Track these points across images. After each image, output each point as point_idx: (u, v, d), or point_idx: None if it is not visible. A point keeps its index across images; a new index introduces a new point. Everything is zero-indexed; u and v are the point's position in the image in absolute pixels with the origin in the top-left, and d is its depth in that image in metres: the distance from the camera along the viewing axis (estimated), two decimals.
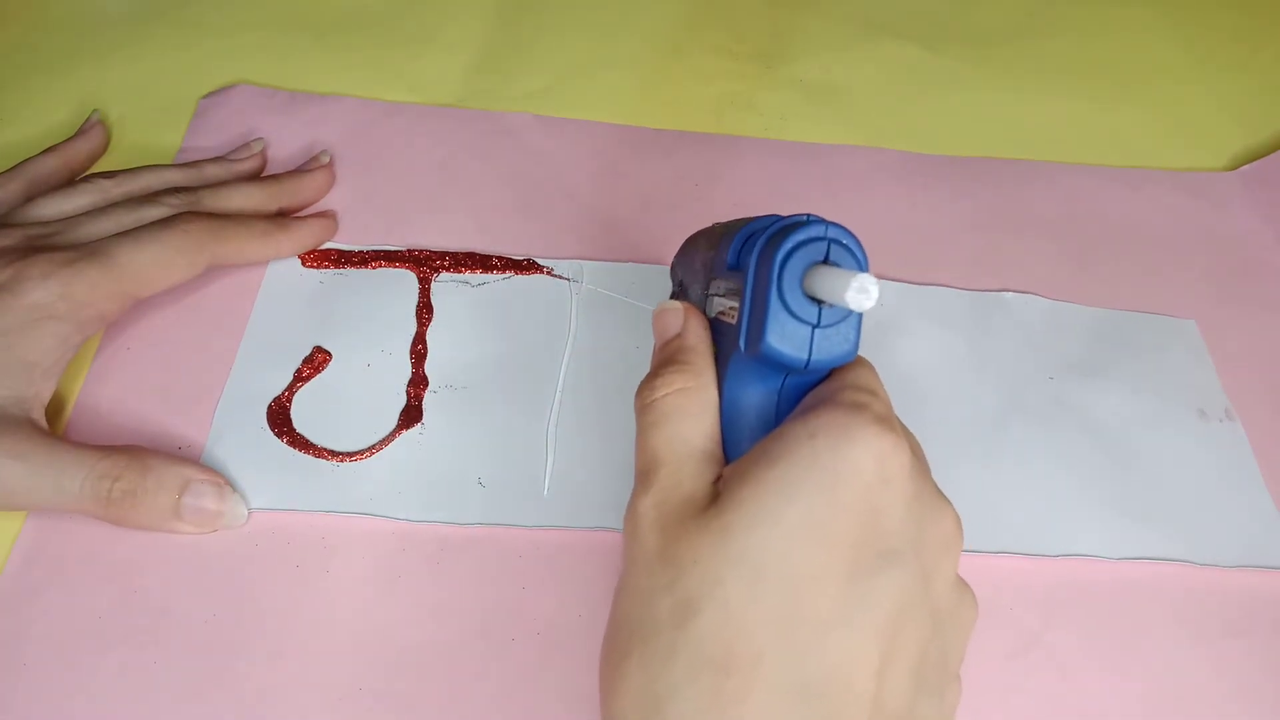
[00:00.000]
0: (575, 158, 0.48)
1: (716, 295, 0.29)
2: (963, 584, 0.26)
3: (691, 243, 0.33)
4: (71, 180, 0.42)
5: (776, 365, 0.25)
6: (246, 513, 0.34)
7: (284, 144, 0.46)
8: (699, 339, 0.28)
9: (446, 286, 0.42)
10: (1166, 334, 0.44)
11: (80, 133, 0.44)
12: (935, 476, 0.38)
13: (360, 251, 0.42)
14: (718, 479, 0.25)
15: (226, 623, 0.32)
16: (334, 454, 0.36)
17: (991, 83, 0.55)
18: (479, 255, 0.42)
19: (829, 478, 0.23)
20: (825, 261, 0.24)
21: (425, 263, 0.42)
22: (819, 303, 0.24)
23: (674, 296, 0.35)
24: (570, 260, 0.43)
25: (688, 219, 0.45)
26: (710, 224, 0.32)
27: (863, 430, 0.23)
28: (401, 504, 0.35)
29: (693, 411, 0.26)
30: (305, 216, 0.43)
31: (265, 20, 0.53)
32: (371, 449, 0.36)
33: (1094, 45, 0.58)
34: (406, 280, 0.42)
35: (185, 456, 0.35)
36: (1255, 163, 0.51)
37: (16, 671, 0.31)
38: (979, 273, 0.45)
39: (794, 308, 0.24)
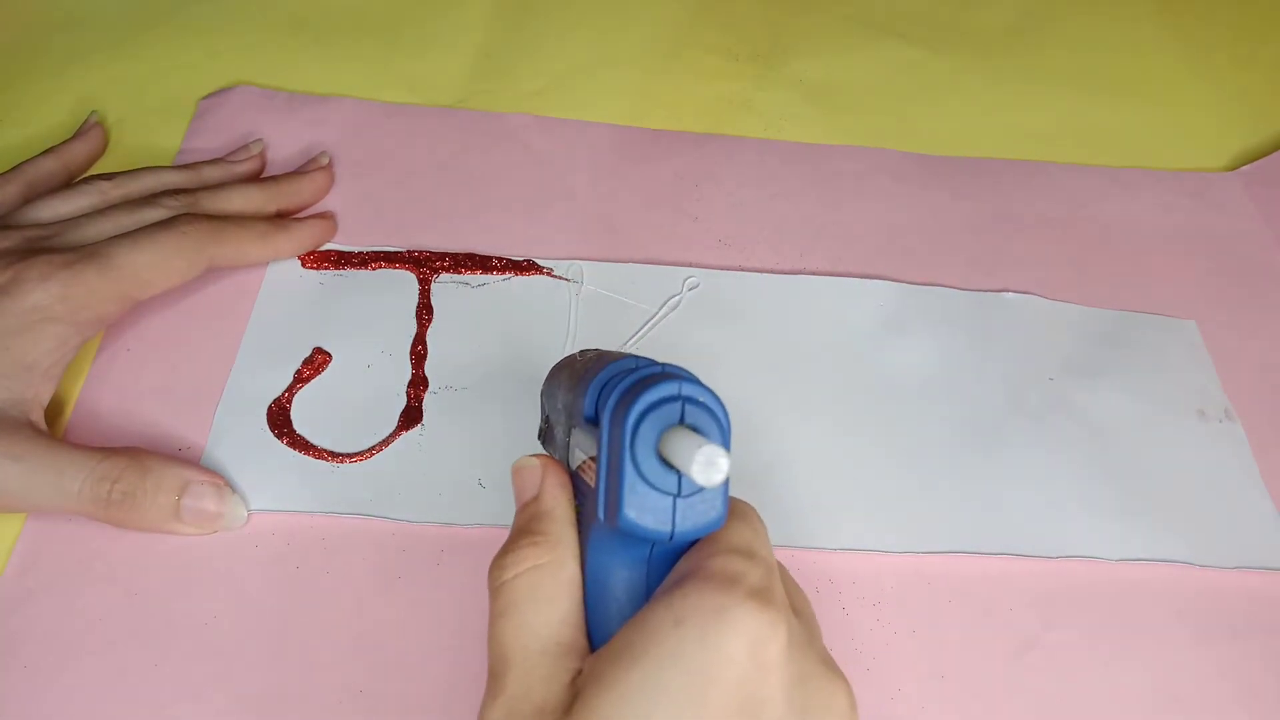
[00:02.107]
0: (575, 158, 0.48)
1: (578, 447, 0.26)
2: None
3: (556, 374, 0.30)
4: (70, 182, 0.42)
5: (637, 535, 0.22)
6: (246, 514, 0.34)
7: (283, 145, 0.46)
8: (556, 502, 0.25)
9: (446, 287, 0.42)
10: (1166, 334, 0.44)
11: (79, 134, 0.44)
12: (935, 477, 0.38)
13: (360, 252, 0.42)
14: (577, 674, 0.22)
15: (226, 624, 0.32)
16: (334, 455, 0.36)
17: (991, 83, 0.55)
18: (479, 256, 0.42)
19: (697, 677, 0.20)
20: (681, 424, 0.22)
21: (425, 264, 0.42)
22: (677, 470, 0.22)
23: (541, 433, 0.31)
24: (570, 261, 0.43)
25: (687, 220, 0.46)
26: (578, 351, 0.30)
27: (734, 611, 0.20)
28: (401, 505, 0.35)
29: (546, 595, 0.23)
30: (305, 218, 0.43)
31: (264, 21, 0.53)
32: (371, 450, 0.36)
33: (1094, 46, 0.58)
34: (406, 281, 0.42)
35: (185, 458, 0.35)
36: (1255, 163, 0.51)
37: (16, 673, 0.31)
38: (979, 273, 0.45)
39: (650, 477, 0.22)
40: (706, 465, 0.20)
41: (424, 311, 0.41)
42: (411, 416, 0.37)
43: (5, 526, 0.34)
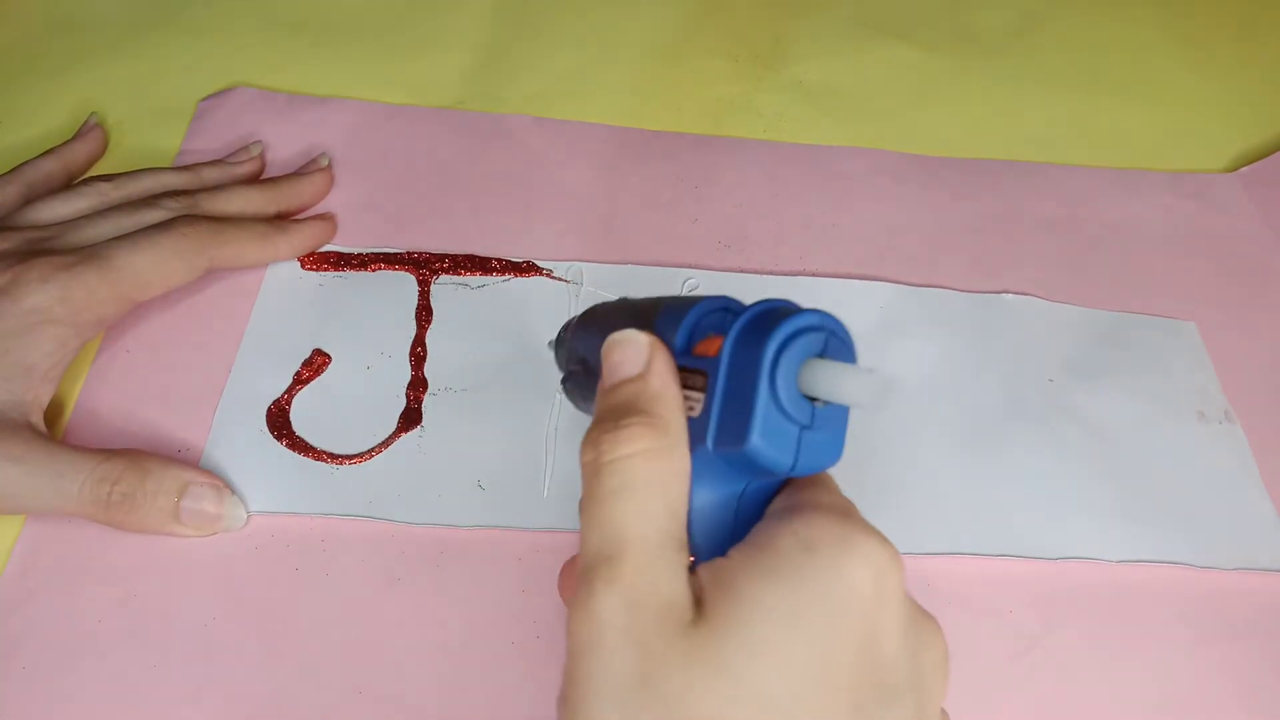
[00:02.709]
0: (574, 160, 0.48)
1: None
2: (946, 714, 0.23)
3: (595, 316, 0.29)
4: (70, 183, 0.42)
5: (749, 467, 0.22)
6: (246, 516, 0.34)
7: (283, 147, 0.46)
8: (666, 385, 0.23)
9: (446, 289, 0.41)
10: (1166, 336, 0.44)
11: (79, 135, 0.44)
12: (935, 479, 0.38)
13: (359, 254, 0.42)
14: (690, 574, 0.22)
15: (226, 626, 0.32)
16: (333, 457, 0.36)
17: (991, 84, 0.55)
18: (478, 257, 0.42)
19: (830, 602, 0.20)
20: (823, 355, 0.22)
21: (424, 265, 0.42)
22: (812, 401, 0.22)
23: (568, 379, 0.31)
24: (569, 262, 0.43)
25: (687, 221, 0.46)
26: (593, 305, 0.29)
27: (860, 542, 0.21)
28: (401, 507, 0.35)
29: (662, 481, 0.22)
30: (304, 219, 0.43)
31: (264, 23, 0.53)
32: (371, 452, 0.36)
33: (1093, 46, 0.58)
34: (406, 283, 0.42)
35: (184, 459, 0.35)
36: (1255, 164, 0.51)
37: (16, 675, 0.31)
38: (978, 274, 0.45)
39: (788, 406, 0.21)
40: (881, 392, 0.20)
41: (423, 313, 0.41)
42: (411, 418, 0.37)
43: (5, 528, 0.34)
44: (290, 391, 0.38)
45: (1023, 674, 0.34)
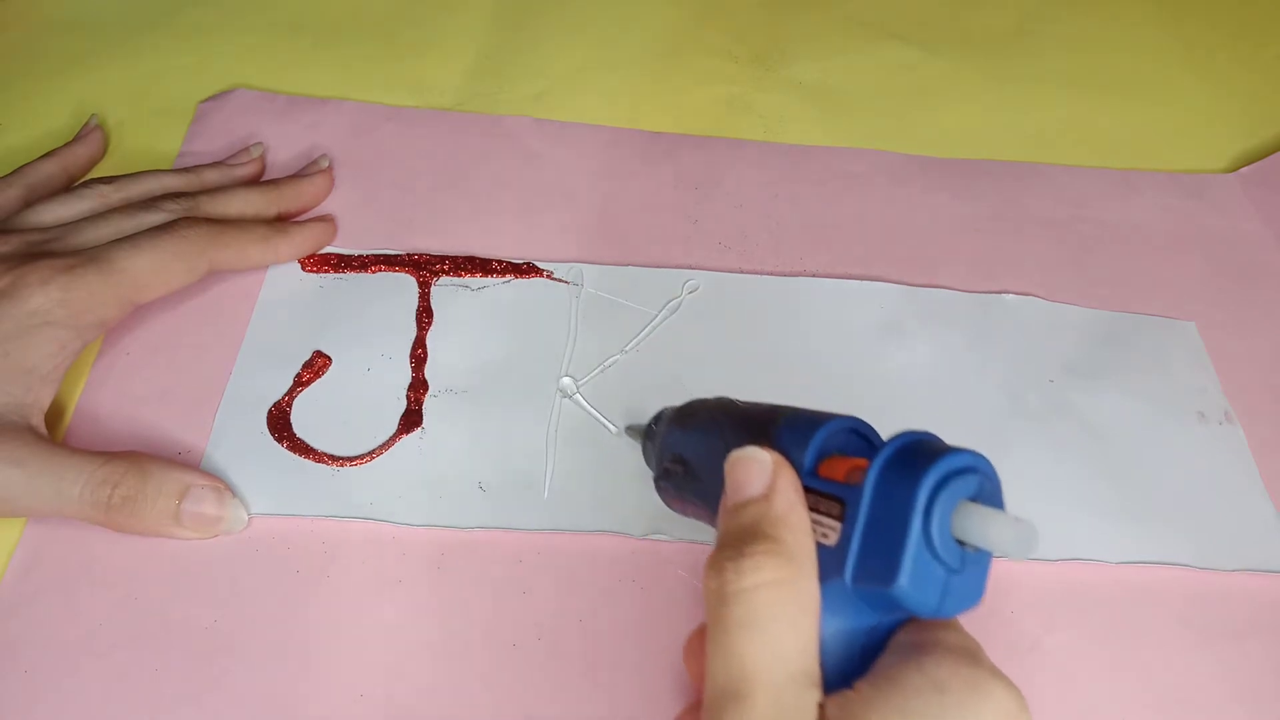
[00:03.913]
0: (574, 161, 0.48)
1: None
2: None
3: (697, 416, 0.29)
4: (70, 185, 0.42)
5: (889, 605, 0.21)
6: (246, 518, 0.34)
7: (283, 148, 0.46)
8: (792, 509, 0.22)
9: (446, 290, 0.42)
10: (1166, 336, 0.44)
11: (79, 138, 0.44)
12: None
13: (360, 256, 0.42)
14: (820, 712, 0.21)
15: (227, 628, 0.32)
16: (334, 459, 0.36)
17: (991, 84, 0.55)
18: (479, 259, 0.42)
19: None
20: (977, 498, 0.21)
21: (425, 267, 0.42)
22: (961, 544, 0.21)
23: (665, 479, 0.30)
24: (570, 263, 0.43)
25: (687, 222, 0.46)
26: (707, 397, 0.28)
27: (989, 686, 0.21)
28: (402, 508, 0.35)
29: (791, 615, 0.21)
30: (304, 221, 0.43)
31: (264, 25, 0.53)
32: (372, 453, 0.36)
33: (1093, 47, 0.58)
34: (406, 284, 0.42)
35: (185, 462, 0.35)
36: (1255, 164, 0.51)
37: (17, 678, 0.31)
38: (979, 274, 0.45)
39: (940, 549, 0.21)
40: (1025, 540, 0.20)
41: (424, 314, 0.41)
42: (412, 420, 0.37)
43: (6, 531, 0.34)
44: (291, 393, 0.38)
45: (1023, 675, 0.33)
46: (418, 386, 0.38)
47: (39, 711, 0.30)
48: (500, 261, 0.42)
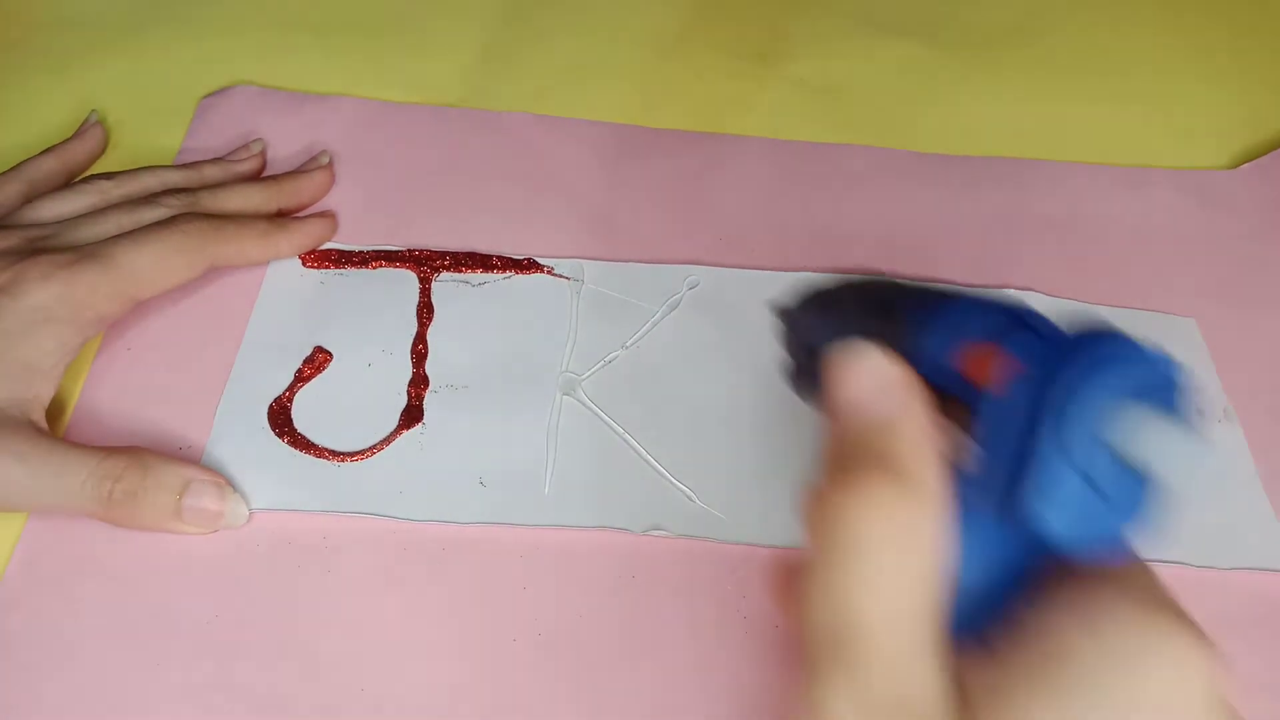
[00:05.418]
0: (576, 157, 0.48)
1: None
2: None
3: (831, 300, 0.24)
4: (70, 181, 0.42)
5: (1039, 541, 0.17)
6: (247, 513, 0.34)
7: (283, 144, 0.46)
8: (925, 438, 0.18)
9: (447, 286, 0.42)
10: (1166, 332, 0.44)
11: (79, 134, 0.44)
12: None
13: (360, 251, 0.42)
14: (950, 669, 0.17)
15: (228, 624, 0.32)
16: (335, 454, 0.36)
17: (992, 82, 0.55)
18: (479, 255, 0.42)
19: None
20: (1154, 409, 0.18)
21: (425, 262, 0.42)
22: (1138, 473, 0.17)
23: (797, 374, 0.25)
24: (571, 260, 0.43)
25: (689, 218, 0.46)
26: (857, 277, 0.23)
27: (1164, 644, 0.17)
28: (402, 504, 0.35)
29: (915, 555, 0.17)
30: (305, 217, 0.43)
31: (265, 20, 0.53)
32: (372, 449, 0.36)
33: (1094, 44, 0.58)
34: (407, 280, 0.42)
35: (186, 457, 0.35)
36: (1256, 161, 0.51)
37: (16, 672, 0.31)
38: (979, 271, 0.45)
39: (1106, 476, 0.17)
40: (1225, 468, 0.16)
41: (424, 310, 0.41)
42: (412, 415, 0.37)
43: (6, 526, 0.34)
44: (292, 389, 0.38)
45: None
46: (418, 382, 0.38)
47: (38, 706, 0.30)
48: (501, 257, 0.42)
